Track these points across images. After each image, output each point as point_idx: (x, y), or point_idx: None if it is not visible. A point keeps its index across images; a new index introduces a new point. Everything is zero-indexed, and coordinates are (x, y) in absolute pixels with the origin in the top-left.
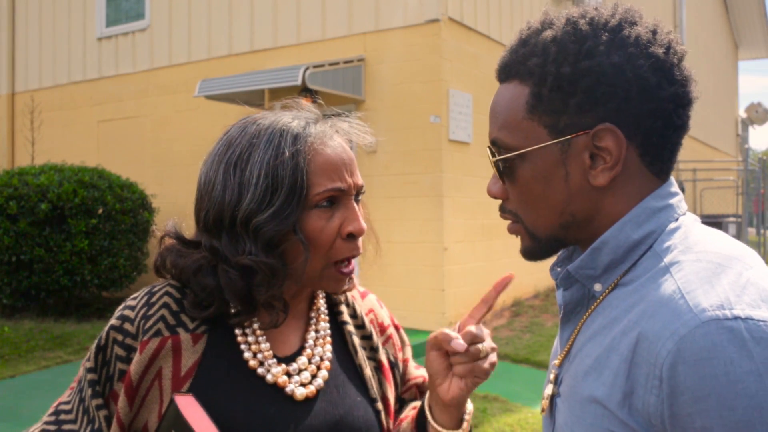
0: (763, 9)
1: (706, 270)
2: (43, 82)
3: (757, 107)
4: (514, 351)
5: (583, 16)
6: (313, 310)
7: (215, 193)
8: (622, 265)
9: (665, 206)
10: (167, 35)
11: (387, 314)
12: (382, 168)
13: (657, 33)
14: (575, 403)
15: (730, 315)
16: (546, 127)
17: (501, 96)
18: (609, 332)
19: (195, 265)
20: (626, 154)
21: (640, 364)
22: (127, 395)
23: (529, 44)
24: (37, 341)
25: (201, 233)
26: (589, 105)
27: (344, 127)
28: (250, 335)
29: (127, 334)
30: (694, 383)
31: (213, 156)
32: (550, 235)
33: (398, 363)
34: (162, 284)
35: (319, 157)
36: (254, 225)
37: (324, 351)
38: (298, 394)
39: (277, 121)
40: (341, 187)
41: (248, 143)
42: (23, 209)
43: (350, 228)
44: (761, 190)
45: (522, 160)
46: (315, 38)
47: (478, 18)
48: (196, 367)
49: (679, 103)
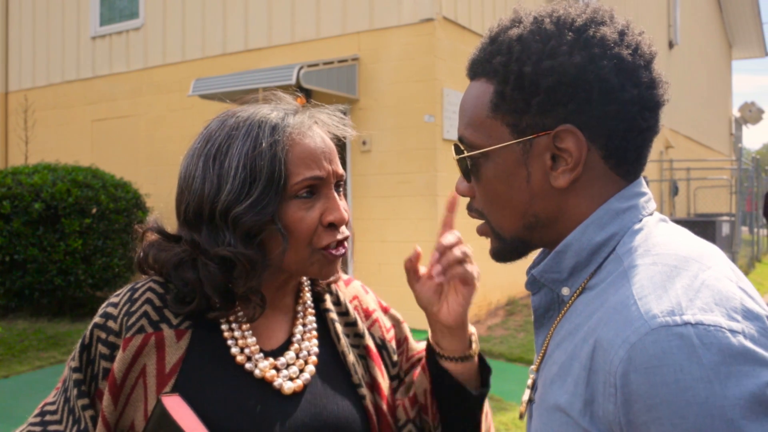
0: (757, 9)
1: (661, 273)
2: (37, 81)
3: (751, 106)
4: (508, 350)
5: (549, 15)
6: (300, 304)
7: (195, 186)
8: (588, 268)
9: (629, 207)
10: (161, 34)
11: (373, 299)
12: (377, 167)
13: (625, 34)
14: (543, 410)
15: (680, 321)
16: (508, 126)
17: (468, 94)
18: (573, 339)
19: (175, 258)
20: (588, 156)
21: (597, 371)
22: (111, 393)
23: (497, 42)
24: (31, 341)
25: (182, 227)
26: (550, 105)
27: (323, 119)
28: (236, 330)
29: (111, 331)
30: (645, 391)
31: (193, 150)
32: (514, 236)
33: (386, 344)
34: (145, 280)
35: (298, 147)
36: (233, 216)
37: (311, 345)
38: (286, 388)
39: (256, 113)
40: (320, 175)
41: (227, 135)
42: (17, 209)
43: (331, 217)
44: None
45: (485, 159)
46: (309, 37)
47: (472, 17)
48: (181, 363)
49: (645, 106)
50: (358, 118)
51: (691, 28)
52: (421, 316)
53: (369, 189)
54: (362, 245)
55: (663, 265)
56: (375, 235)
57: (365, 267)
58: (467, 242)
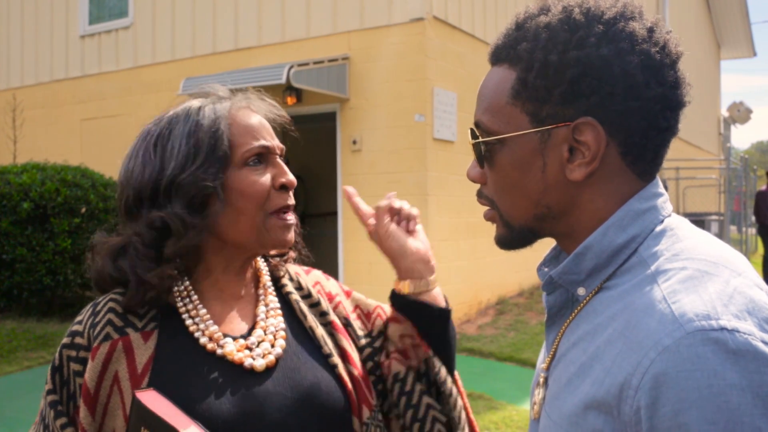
0: (745, 9)
1: (693, 278)
2: (25, 80)
3: (739, 106)
4: (498, 349)
5: (579, 5)
6: (260, 287)
7: (134, 177)
8: (606, 270)
9: (649, 208)
10: (151, 33)
11: (335, 284)
12: (367, 167)
13: (654, 31)
14: (555, 409)
15: (716, 326)
16: (528, 114)
17: (489, 79)
18: (593, 340)
19: (111, 250)
20: (606, 151)
21: (616, 374)
22: (86, 404)
23: (523, 28)
24: (20, 341)
25: (122, 226)
26: (572, 96)
27: (256, 103)
28: (200, 323)
29: (80, 347)
30: (675, 395)
31: (130, 151)
32: (524, 225)
33: (351, 322)
34: (105, 295)
35: (240, 122)
36: (176, 185)
37: (277, 322)
38: (258, 365)
39: (191, 103)
40: (266, 144)
41: (167, 123)
42: (5, 208)
43: (282, 179)
44: (743, 188)
45: (502, 145)
46: (300, 36)
47: (462, 17)
48: (152, 361)
49: (667, 105)
50: (348, 117)
51: (679, 29)
52: None
53: (359, 188)
54: (352, 244)
55: (694, 270)
56: (365, 234)
57: (355, 266)
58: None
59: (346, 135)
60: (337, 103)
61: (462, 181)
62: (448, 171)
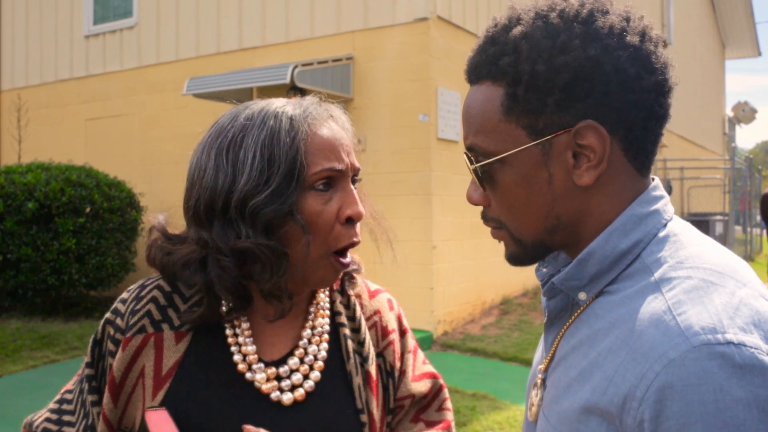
0: (750, 9)
1: (698, 289)
2: (30, 80)
3: (744, 106)
4: (502, 349)
5: (552, 9)
6: (313, 305)
7: (206, 179)
8: (609, 275)
9: (651, 212)
10: (155, 33)
11: (395, 316)
12: (371, 166)
13: (630, 20)
14: (554, 412)
15: (722, 339)
16: (524, 128)
17: (473, 99)
18: (594, 345)
19: (182, 260)
20: (610, 150)
21: (619, 384)
22: (110, 392)
23: (499, 42)
24: (24, 341)
25: (190, 226)
26: (568, 102)
27: (338, 114)
28: (240, 336)
29: (117, 328)
30: (680, 409)
31: (203, 144)
32: (536, 240)
33: (394, 371)
34: (155, 277)
35: (316, 137)
36: (252, 207)
37: (319, 350)
38: (286, 399)
39: (270, 104)
40: (339, 168)
41: (241, 126)
42: (10, 208)
43: (349, 211)
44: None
45: (502, 164)
46: (304, 36)
47: (466, 16)
48: (177, 367)
49: (660, 92)
50: (352, 117)
51: (684, 28)
52: (412, 316)
53: (363, 188)
54: None
55: (699, 280)
56: (369, 233)
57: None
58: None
59: None
60: (341, 103)
61: (466, 181)
62: (452, 171)
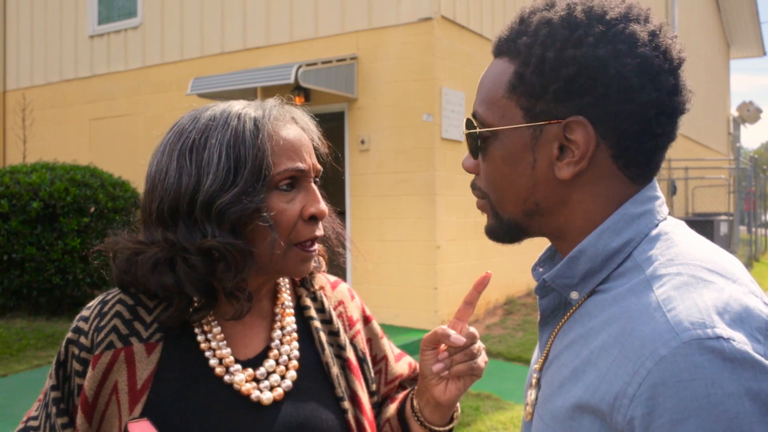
0: (755, 8)
1: (688, 285)
2: (35, 80)
3: (749, 106)
4: (506, 349)
5: (583, 3)
6: (278, 306)
7: (169, 181)
8: (600, 274)
9: (645, 212)
10: (159, 33)
11: (358, 306)
12: (375, 166)
13: (657, 35)
14: (547, 411)
15: (712, 334)
16: (522, 109)
17: (490, 70)
18: (587, 343)
19: (150, 261)
20: (597, 153)
21: (612, 381)
22: (84, 412)
23: (526, 22)
24: (29, 340)
25: (153, 228)
26: (566, 95)
27: (299, 115)
28: (212, 340)
29: (82, 347)
30: (673, 405)
31: (164, 146)
32: (512, 219)
33: (366, 357)
34: (116, 291)
35: (280, 138)
36: (218, 207)
37: (291, 349)
38: (265, 399)
39: (231, 106)
40: (302, 168)
41: (204, 127)
42: (15, 208)
43: (312, 210)
44: (752, 188)
45: (495, 138)
46: (308, 36)
47: (470, 16)
48: (152, 378)
49: (663, 111)
50: (356, 117)
51: (689, 28)
52: (416, 316)
53: (367, 188)
54: (360, 244)
55: (689, 276)
56: (373, 234)
57: (363, 265)
58: None
59: (354, 135)
60: (345, 103)
61: (470, 181)
62: (456, 171)
